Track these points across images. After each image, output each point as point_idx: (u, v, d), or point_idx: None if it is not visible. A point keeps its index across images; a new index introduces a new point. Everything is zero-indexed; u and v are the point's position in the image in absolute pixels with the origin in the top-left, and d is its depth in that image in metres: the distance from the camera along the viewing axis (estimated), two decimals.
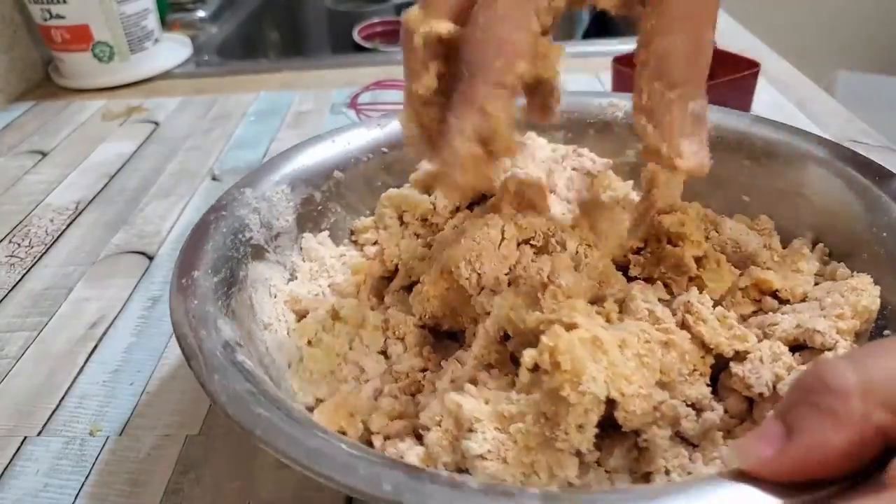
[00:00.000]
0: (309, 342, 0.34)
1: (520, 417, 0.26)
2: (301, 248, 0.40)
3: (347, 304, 0.36)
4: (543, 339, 0.25)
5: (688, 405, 0.28)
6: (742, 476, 0.21)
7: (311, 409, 0.31)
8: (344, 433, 0.30)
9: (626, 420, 0.26)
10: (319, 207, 0.41)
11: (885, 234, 0.34)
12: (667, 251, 0.34)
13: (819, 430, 0.20)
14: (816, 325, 0.30)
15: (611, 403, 0.25)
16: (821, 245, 0.37)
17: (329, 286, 0.38)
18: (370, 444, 0.30)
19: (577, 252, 0.32)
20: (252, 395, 0.25)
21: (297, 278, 0.39)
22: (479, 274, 0.32)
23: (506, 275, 0.32)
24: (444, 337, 0.35)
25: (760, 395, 0.28)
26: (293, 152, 0.42)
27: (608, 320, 0.30)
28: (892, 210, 0.34)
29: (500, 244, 0.32)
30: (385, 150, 0.44)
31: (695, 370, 0.29)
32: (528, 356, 0.25)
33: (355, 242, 0.43)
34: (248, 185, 0.39)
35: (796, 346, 0.31)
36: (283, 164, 0.41)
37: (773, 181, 0.40)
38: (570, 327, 0.26)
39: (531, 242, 0.33)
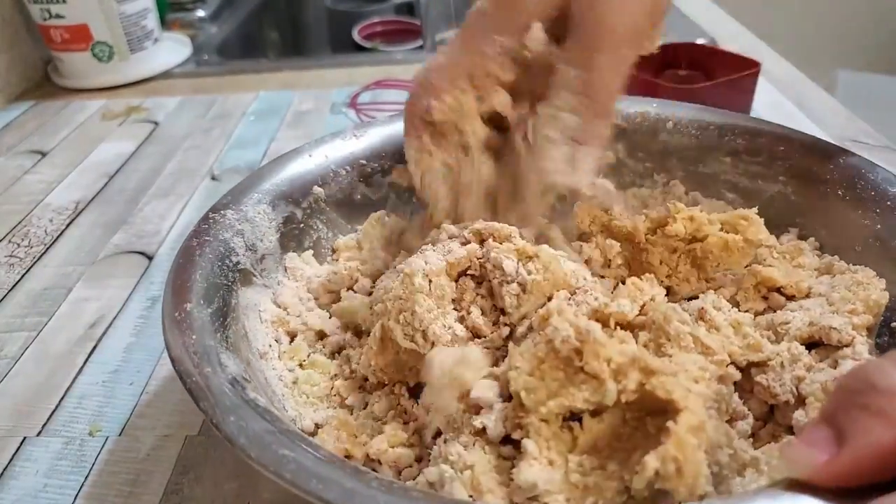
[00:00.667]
0: (300, 364, 0.34)
1: (597, 491, 0.24)
2: (286, 269, 0.39)
3: (331, 325, 0.36)
4: (671, 449, 0.22)
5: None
6: (797, 485, 0.21)
7: (312, 434, 0.30)
8: (349, 457, 0.29)
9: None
10: (301, 225, 0.40)
11: (878, 225, 0.34)
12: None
13: (871, 432, 0.19)
14: (832, 322, 0.30)
15: None
16: (812, 239, 0.37)
17: (318, 306, 0.37)
18: (374, 470, 0.28)
19: (517, 272, 0.30)
20: (272, 434, 0.24)
21: (283, 299, 0.37)
22: (422, 331, 0.29)
23: (458, 320, 0.30)
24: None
25: (786, 402, 0.28)
26: (270, 169, 0.41)
27: (645, 345, 0.28)
28: (884, 201, 0.35)
29: (429, 288, 0.29)
30: (363, 161, 0.43)
31: None
32: (651, 466, 0.22)
33: (337, 261, 0.41)
34: (228, 206, 0.37)
35: (810, 344, 0.30)
36: (262, 182, 0.39)
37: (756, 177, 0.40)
38: (673, 410, 0.23)
39: (469, 272, 0.31)
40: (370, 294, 0.37)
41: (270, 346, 0.34)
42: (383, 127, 0.44)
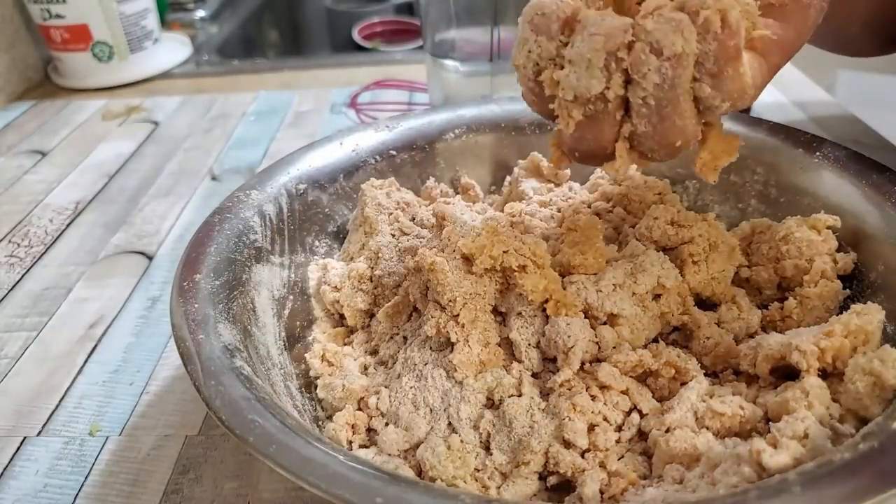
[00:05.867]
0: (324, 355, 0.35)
1: None
2: (307, 251, 0.40)
3: (349, 311, 0.36)
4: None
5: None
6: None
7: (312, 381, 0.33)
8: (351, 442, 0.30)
9: None
10: (326, 210, 0.41)
11: None
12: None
13: None
14: (800, 344, 0.28)
15: None
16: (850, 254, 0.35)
17: (335, 288, 0.38)
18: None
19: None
20: (247, 401, 0.25)
21: (304, 281, 0.38)
22: None
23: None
24: None
25: None
26: (300, 154, 0.41)
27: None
28: None
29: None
30: (393, 152, 0.44)
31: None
32: None
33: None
34: (254, 186, 0.38)
35: (785, 367, 0.29)
36: (291, 167, 0.40)
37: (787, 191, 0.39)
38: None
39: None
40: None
41: (278, 324, 0.35)
42: (416, 120, 0.45)
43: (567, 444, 0.28)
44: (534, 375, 0.31)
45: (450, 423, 0.30)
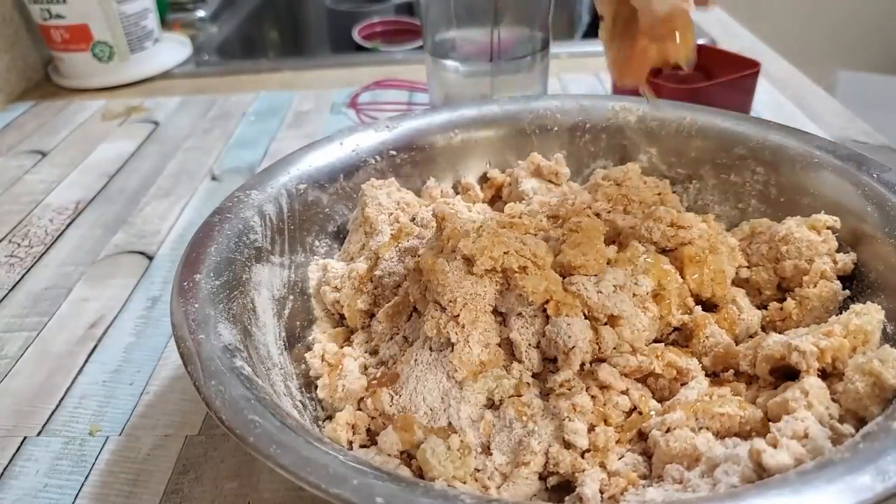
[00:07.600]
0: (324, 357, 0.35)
1: None
2: (307, 251, 0.40)
3: (349, 311, 0.36)
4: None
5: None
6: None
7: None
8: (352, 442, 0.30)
9: None
10: (326, 210, 0.41)
11: None
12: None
13: None
14: (799, 343, 0.28)
15: None
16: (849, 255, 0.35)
17: (335, 288, 0.38)
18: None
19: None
20: (247, 401, 0.25)
21: (304, 281, 0.38)
22: None
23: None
24: None
25: None
26: (301, 154, 0.41)
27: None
28: None
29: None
30: (393, 152, 0.44)
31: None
32: None
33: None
34: (254, 186, 0.38)
35: (784, 367, 0.29)
36: (291, 167, 0.40)
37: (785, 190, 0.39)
38: None
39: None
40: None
41: (279, 324, 0.35)
42: (416, 120, 0.45)
43: (567, 445, 0.28)
44: (534, 376, 0.31)
45: (450, 423, 0.30)
